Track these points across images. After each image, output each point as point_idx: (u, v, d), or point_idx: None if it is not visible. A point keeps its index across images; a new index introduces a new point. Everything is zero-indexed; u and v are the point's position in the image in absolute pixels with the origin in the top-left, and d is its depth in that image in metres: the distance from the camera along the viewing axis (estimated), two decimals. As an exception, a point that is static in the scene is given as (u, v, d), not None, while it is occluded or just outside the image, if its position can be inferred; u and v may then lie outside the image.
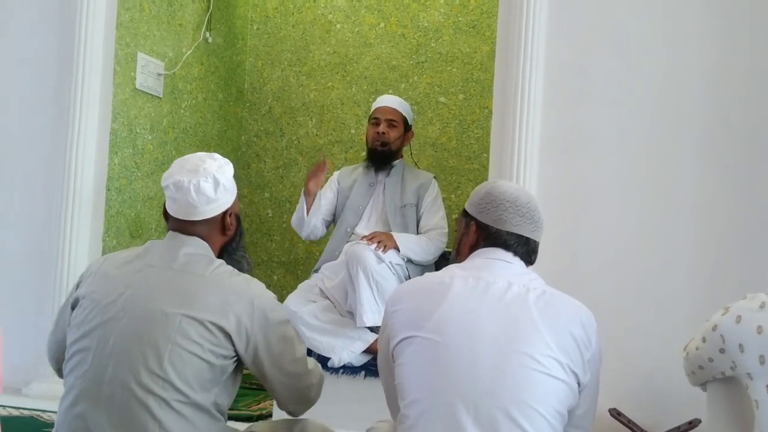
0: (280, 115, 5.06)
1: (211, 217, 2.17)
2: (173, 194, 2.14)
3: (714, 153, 2.92)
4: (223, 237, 2.23)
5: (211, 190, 2.13)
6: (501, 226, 1.99)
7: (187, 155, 2.22)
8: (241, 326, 2.02)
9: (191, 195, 2.12)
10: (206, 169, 2.14)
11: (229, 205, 2.21)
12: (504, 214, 1.99)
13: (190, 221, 2.16)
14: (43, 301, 3.48)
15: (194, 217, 2.15)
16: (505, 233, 1.99)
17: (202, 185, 2.12)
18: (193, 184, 2.11)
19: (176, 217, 2.18)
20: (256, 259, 5.02)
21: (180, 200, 2.14)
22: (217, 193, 2.15)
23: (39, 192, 3.57)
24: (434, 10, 4.81)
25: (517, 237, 2.00)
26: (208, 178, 2.13)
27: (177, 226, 2.18)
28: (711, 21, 2.94)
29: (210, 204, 2.15)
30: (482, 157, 4.58)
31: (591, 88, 3.02)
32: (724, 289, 2.79)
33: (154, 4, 4.00)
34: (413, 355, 1.87)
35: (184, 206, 2.14)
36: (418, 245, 3.71)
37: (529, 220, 2.01)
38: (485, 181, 2.14)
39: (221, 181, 2.16)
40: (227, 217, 2.20)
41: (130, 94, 3.81)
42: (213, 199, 2.14)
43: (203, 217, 2.15)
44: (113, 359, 1.98)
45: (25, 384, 3.43)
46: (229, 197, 2.21)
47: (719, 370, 2.05)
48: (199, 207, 2.13)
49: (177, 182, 2.12)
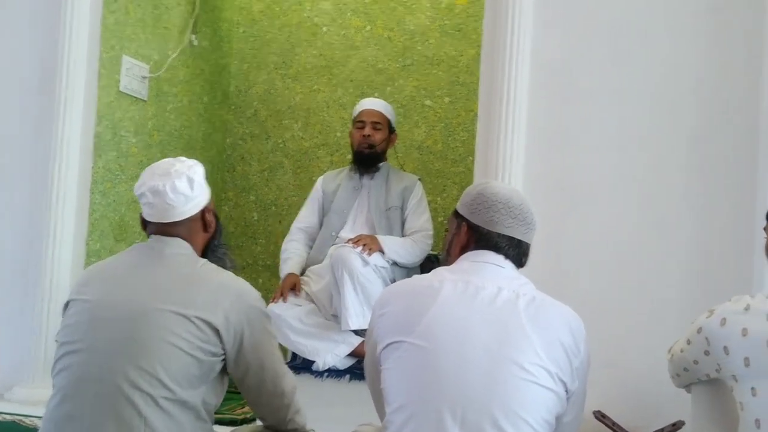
0: (265, 118, 5.05)
1: (191, 216, 2.18)
2: (150, 200, 2.15)
3: (705, 151, 2.91)
4: (205, 234, 2.25)
5: (187, 188, 2.15)
6: (493, 227, 1.98)
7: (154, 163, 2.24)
8: (229, 322, 2.04)
9: (168, 196, 2.13)
10: (178, 170, 2.16)
11: (207, 202, 2.23)
12: (496, 216, 1.98)
13: (170, 224, 2.16)
14: (25, 305, 3.45)
15: (175, 218, 2.16)
16: (496, 235, 1.98)
17: (177, 185, 2.13)
18: (169, 186, 2.13)
19: (156, 222, 2.18)
20: (242, 263, 5.00)
21: (157, 204, 2.14)
22: (193, 191, 2.17)
23: (23, 195, 3.54)
24: (420, 14, 4.81)
25: (509, 239, 1.99)
26: (182, 177, 2.15)
27: (158, 229, 2.19)
28: (702, 17, 2.94)
29: (189, 203, 2.16)
30: (468, 160, 4.58)
31: (577, 89, 3.02)
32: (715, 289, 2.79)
33: (139, 7, 3.98)
34: (400, 361, 1.85)
35: (163, 210, 2.15)
36: (403, 248, 3.72)
37: (521, 222, 2.00)
38: (477, 182, 2.14)
39: (195, 178, 2.17)
40: (206, 214, 2.22)
41: (114, 96, 3.80)
42: (191, 197, 2.16)
43: (183, 217, 2.17)
44: (101, 357, 1.99)
45: (7, 389, 3.40)
46: (205, 194, 2.23)
47: (704, 372, 2.06)
48: (178, 207, 2.15)
49: (152, 187, 2.13)
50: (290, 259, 3.88)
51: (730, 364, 1.94)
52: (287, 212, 4.90)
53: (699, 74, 2.94)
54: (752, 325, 1.90)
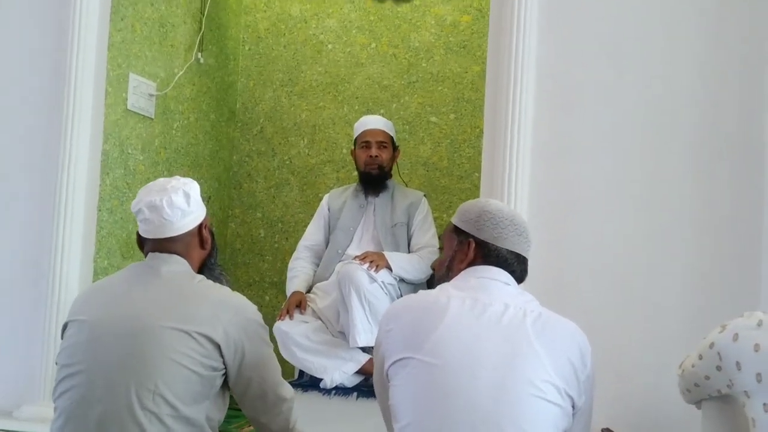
0: (271, 135, 5.07)
1: (188, 231, 2.19)
2: (147, 216, 2.16)
3: (706, 162, 2.92)
4: (202, 251, 2.26)
5: (183, 203, 2.16)
6: (501, 243, 2.01)
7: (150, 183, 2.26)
8: (229, 337, 2.05)
9: (165, 211, 2.14)
10: (174, 186, 2.18)
11: (203, 218, 2.25)
12: (504, 232, 2.01)
13: (167, 240, 2.17)
14: (33, 323, 3.45)
15: (171, 233, 2.17)
16: (505, 251, 2.01)
17: (174, 199, 2.15)
18: (166, 201, 2.14)
19: (153, 238, 2.19)
20: (248, 280, 5.01)
21: (154, 220, 2.16)
22: (190, 206, 2.18)
23: (31, 213, 3.55)
24: (425, 31, 4.83)
25: (516, 255, 2.03)
26: (178, 192, 2.17)
27: (155, 246, 2.20)
28: (701, 30, 2.95)
29: (185, 217, 2.18)
30: (474, 176, 4.59)
31: (582, 104, 3.03)
32: (720, 301, 2.80)
33: (146, 25, 4.01)
34: (409, 378, 1.85)
35: (160, 225, 2.16)
36: (410, 264, 3.71)
37: (525, 239, 2.04)
38: (473, 200, 2.15)
39: (191, 194, 2.19)
40: (203, 230, 2.23)
41: (121, 114, 3.81)
42: (187, 211, 2.18)
43: (180, 232, 2.18)
44: (103, 377, 1.99)
45: (16, 407, 3.39)
46: (202, 210, 2.25)
47: (715, 387, 2.05)
48: (174, 222, 2.16)
49: (149, 203, 2.15)
50: (296, 278, 3.88)
51: (742, 380, 1.93)
52: (294, 229, 4.91)
53: (698, 83, 2.95)
54: (765, 340, 1.90)
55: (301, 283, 3.85)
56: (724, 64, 2.93)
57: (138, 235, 2.25)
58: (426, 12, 4.84)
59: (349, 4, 4.97)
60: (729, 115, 2.92)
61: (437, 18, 4.82)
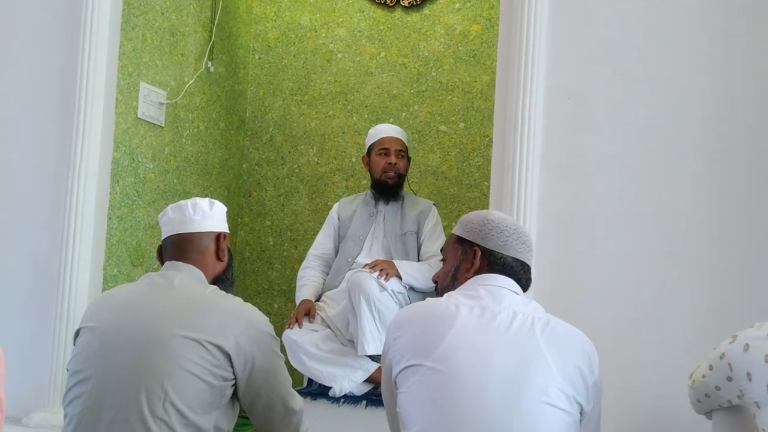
0: (281, 144, 5.08)
1: (207, 233, 2.26)
2: (171, 216, 2.27)
3: (716, 178, 2.91)
4: (218, 263, 2.31)
5: (206, 206, 2.29)
6: (507, 251, 2.03)
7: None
8: (239, 347, 2.05)
9: (188, 209, 2.26)
10: (200, 198, 2.32)
11: (224, 230, 2.32)
12: (509, 240, 2.04)
13: (185, 240, 2.24)
14: (43, 329, 3.47)
15: (190, 229, 2.25)
16: (511, 259, 2.03)
17: (198, 202, 2.28)
18: (190, 203, 2.27)
19: (171, 238, 2.26)
20: (257, 288, 5.01)
21: (176, 218, 2.26)
22: (212, 210, 2.30)
23: (41, 220, 3.57)
24: (435, 40, 4.84)
25: (522, 263, 2.05)
26: (204, 200, 2.30)
27: (172, 251, 2.26)
28: (711, 47, 2.95)
29: (206, 219, 2.27)
30: (483, 185, 4.59)
31: (591, 115, 3.03)
32: (728, 316, 2.79)
33: (156, 34, 4.03)
34: (418, 385, 1.85)
35: (181, 222, 2.26)
36: (420, 273, 3.71)
37: (528, 248, 2.07)
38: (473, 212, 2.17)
39: (216, 203, 2.32)
40: (221, 240, 2.26)
41: (132, 123, 3.83)
42: (209, 215, 2.28)
43: (199, 230, 2.26)
44: (113, 385, 1.99)
45: (25, 413, 3.40)
46: (224, 224, 2.33)
47: (726, 398, 2.04)
48: (195, 220, 2.25)
49: (175, 205, 2.28)
50: (305, 286, 3.89)
51: (753, 391, 1.92)
52: (303, 237, 4.92)
53: (709, 98, 2.94)
54: None
55: (310, 291, 3.86)
56: (734, 79, 2.92)
57: (159, 248, 2.33)
58: (436, 21, 4.85)
59: (359, 13, 4.99)
60: (740, 130, 2.91)
61: (447, 27, 4.82)
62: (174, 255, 2.24)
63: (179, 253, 2.24)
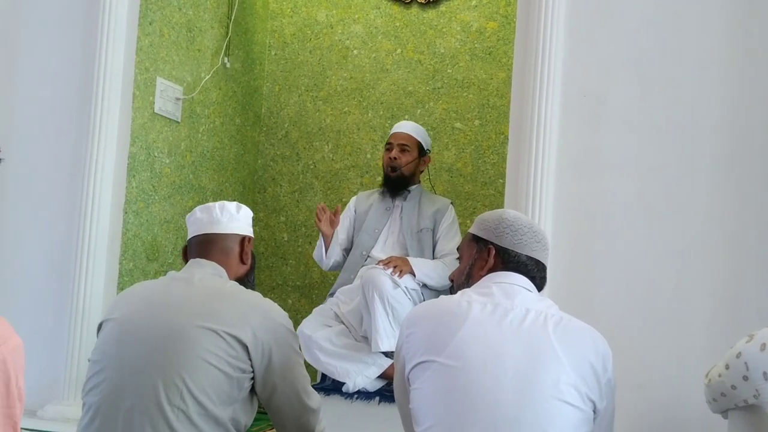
0: (296, 140, 5.09)
1: (232, 235, 2.30)
2: (198, 215, 2.32)
3: (733, 179, 2.89)
4: (240, 266, 2.34)
5: (234, 209, 2.33)
6: (521, 249, 2.04)
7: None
8: (257, 339, 2.06)
9: (215, 211, 2.30)
10: (228, 201, 2.36)
11: (249, 234, 2.37)
12: (524, 238, 2.04)
13: (210, 240, 2.28)
14: (59, 323, 3.49)
15: (217, 230, 2.29)
16: (525, 257, 2.04)
17: (226, 205, 2.32)
18: (218, 205, 2.31)
19: (197, 238, 2.30)
20: (271, 283, 5.03)
21: (203, 218, 2.31)
22: (239, 213, 2.34)
23: (58, 214, 3.59)
24: (451, 37, 4.84)
25: (536, 261, 2.05)
26: (232, 203, 2.35)
27: (197, 249, 2.30)
28: (729, 47, 2.93)
29: (232, 221, 2.31)
30: (498, 183, 4.58)
31: (608, 113, 3.02)
32: (743, 315, 2.78)
33: (173, 29, 4.04)
34: (430, 380, 1.86)
35: (208, 222, 2.30)
36: (434, 270, 3.71)
37: (543, 246, 2.07)
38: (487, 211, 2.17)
39: (243, 207, 2.36)
40: (246, 244, 2.30)
41: (148, 118, 3.85)
42: (236, 217, 2.33)
43: (224, 231, 2.30)
44: (132, 374, 2.01)
45: (40, 406, 3.43)
46: (249, 228, 2.38)
47: (742, 398, 2.03)
48: (222, 222, 2.30)
49: (203, 206, 2.33)
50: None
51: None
52: (317, 233, 4.90)
53: (727, 98, 2.92)
54: None
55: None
56: (752, 79, 2.90)
57: (184, 248, 2.36)
58: (452, 18, 4.85)
59: (375, 10, 4.99)
60: (757, 131, 2.89)
61: (463, 24, 4.82)
62: (198, 254, 2.27)
63: (203, 252, 2.27)
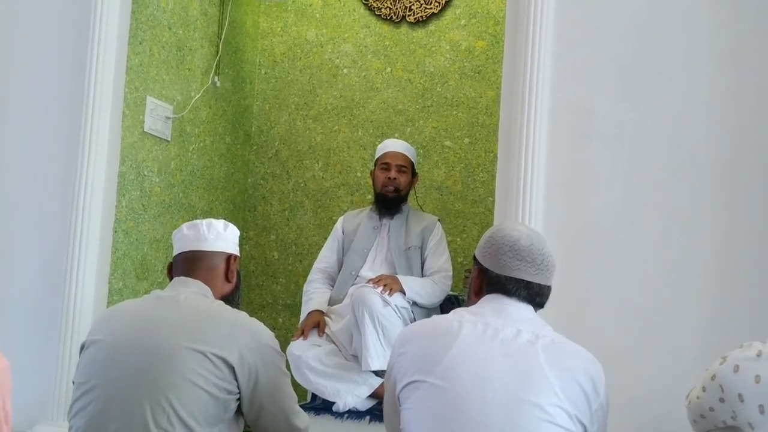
0: (286, 158, 5.10)
1: (218, 252, 2.29)
2: (185, 233, 2.31)
3: (724, 193, 2.90)
4: (226, 284, 2.34)
5: (221, 227, 2.33)
6: (501, 270, 1.99)
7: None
8: (243, 360, 2.06)
9: (202, 228, 2.29)
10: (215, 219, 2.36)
11: (235, 253, 2.36)
12: (503, 258, 1.98)
13: (196, 256, 2.27)
14: (49, 342, 3.47)
15: (202, 247, 2.28)
16: (504, 278, 1.98)
17: (213, 222, 2.32)
18: (205, 222, 2.31)
19: (182, 255, 2.29)
20: (261, 302, 5.02)
21: (190, 235, 2.30)
22: (226, 231, 2.33)
23: (47, 233, 3.58)
24: (440, 56, 4.86)
25: (516, 281, 1.98)
26: (219, 221, 2.34)
27: (182, 267, 2.29)
28: (717, 60, 2.95)
29: (219, 239, 2.30)
30: (488, 201, 4.60)
31: (597, 130, 3.03)
32: (736, 328, 2.78)
33: (163, 49, 4.05)
34: (420, 401, 1.85)
35: (194, 239, 2.29)
36: (423, 288, 3.71)
37: (529, 264, 1.98)
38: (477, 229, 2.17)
39: (230, 226, 2.35)
40: (232, 262, 2.29)
41: (138, 137, 3.85)
42: (222, 235, 2.32)
43: (211, 249, 2.29)
44: (118, 396, 2.00)
45: (29, 426, 3.40)
46: (236, 247, 2.37)
47: (720, 419, 2.03)
48: (209, 239, 2.29)
49: (190, 223, 2.32)
50: (312, 300, 3.88)
51: (745, 412, 1.91)
52: (307, 251, 4.93)
53: (717, 112, 2.93)
54: (765, 371, 1.88)
55: (317, 303, 3.84)
56: (741, 90, 2.92)
57: (169, 265, 2.35)
58: (441, 37, 4.87)
59: (365, 29, 5.01)
60: (747, 142, 2.90)
61: (452, 43, 4.84)
62: (183, 271, 2.26)
63: (189, 270, 2.26)
